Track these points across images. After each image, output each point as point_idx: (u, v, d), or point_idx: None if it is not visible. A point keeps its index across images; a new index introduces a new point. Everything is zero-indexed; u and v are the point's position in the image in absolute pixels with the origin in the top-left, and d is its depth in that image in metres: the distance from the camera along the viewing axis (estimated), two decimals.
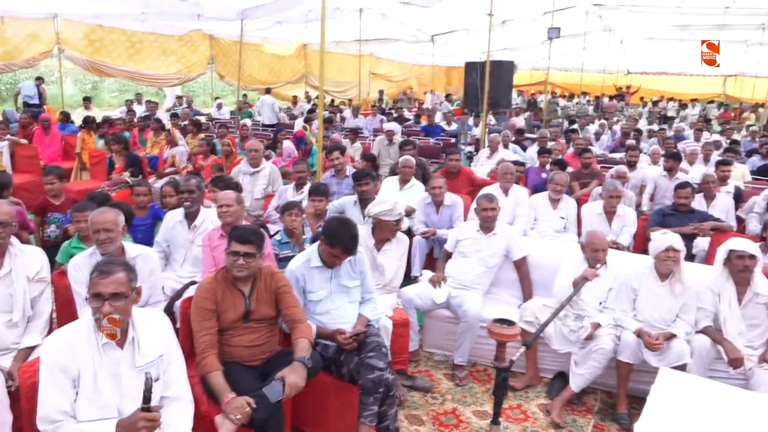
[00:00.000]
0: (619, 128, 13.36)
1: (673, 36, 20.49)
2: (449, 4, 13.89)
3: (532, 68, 25.45)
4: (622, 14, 17.49)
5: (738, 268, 3.73)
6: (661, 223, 5.41)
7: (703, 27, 18.27)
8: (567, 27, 16.98)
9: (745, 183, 7.65)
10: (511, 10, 15.40)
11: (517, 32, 18.10)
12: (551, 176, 5.88)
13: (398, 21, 16.28)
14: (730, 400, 2.92)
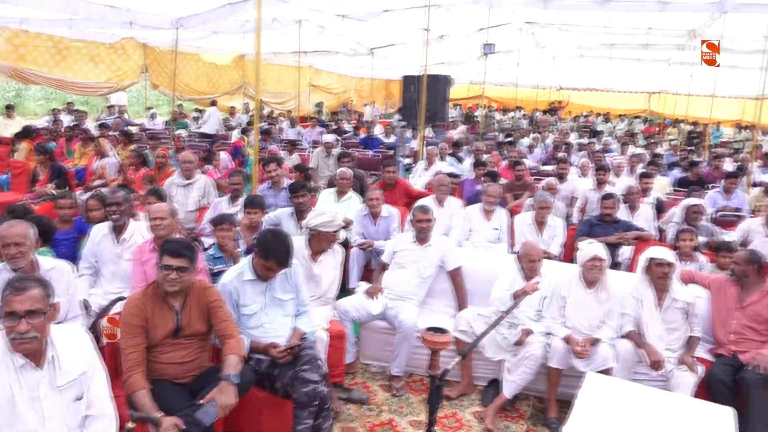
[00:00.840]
0: (552, 141, 13.84)
1: (601, 54, 21.49)
2: (387, 18, 14.07)
3: (469, 82, 26.05)
4: (552, 32, 18.20)
5: (657, 275, 3.94)
6: (588, 233, 5.64)
7: (628, 46, 19.26)
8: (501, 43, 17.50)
9: (667, 194, 8.07)
10: (447, 25, 15.76)
11: (454, 47, 18.51)
12: (484, 188, 6.03)
13: (337, 33, 16.34)
14: (651, 401, 3.07)
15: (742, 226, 5.91)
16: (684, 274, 4.46)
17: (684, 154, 11.96)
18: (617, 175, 8.56)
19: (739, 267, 4.14)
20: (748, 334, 3.99)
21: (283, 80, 19.72)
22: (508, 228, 5.97)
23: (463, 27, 16.44)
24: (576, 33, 18.02)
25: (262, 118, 16.91)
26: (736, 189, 7.34)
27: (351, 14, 13.68)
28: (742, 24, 12.97)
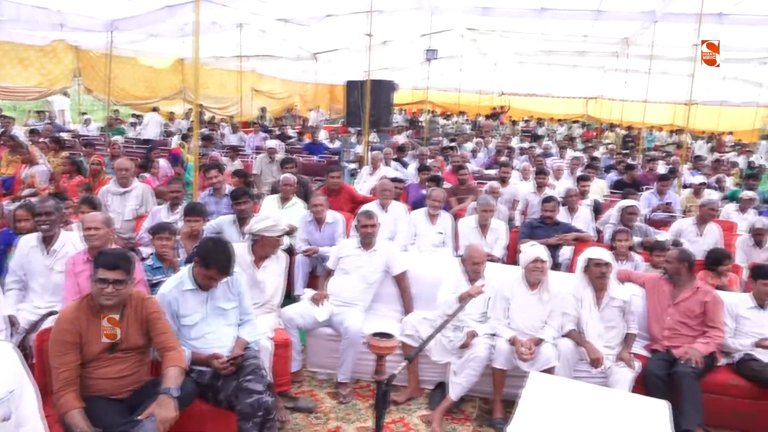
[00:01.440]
0: (494, 146, 14.14)
1: (540, 60, 22.17)
2: (330, 23, 14.07)
3: (413, 88, 26.32)
4: (493, 39, 18.62)
5: (596, 274, 4.08)
6: (530, 235, 5.79)
7: (566, 53, 19.95)
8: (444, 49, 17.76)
9: (604, 197, 8.37)
10: (390, 31, 15.89)
11: (398, 53, 18.68)
12: (429, 192, 6.09)
13: (279, 38, 16.21)
14: (591, 397, 3.17)
15: (674, 226, 6.20)
16: (621, 274, 4.64)
17: (620, 157, 12.45)
18: (557, 178, 8.82)
19: (671, 265, 4.34)
20: (680, 329, 4.17)
21: (224, 85, 19.41)
22: (452, 232, 6.04)
23: (406, 33, 16.62)
24: (516, 40, 18.50)
25: (204, 123, 16.58)
26: (668, 190, 7.69)
27: (293, 19, 13.61)
28: (672, 33, 13.64)
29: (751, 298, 4.27)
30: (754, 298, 4.25)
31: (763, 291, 4.20)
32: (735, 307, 4.25)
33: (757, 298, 4.23)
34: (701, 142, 20.09)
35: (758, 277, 4.24)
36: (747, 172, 11.80)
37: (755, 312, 4.23)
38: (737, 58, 18.13)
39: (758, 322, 4.19)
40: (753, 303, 4.24)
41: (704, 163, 12.40)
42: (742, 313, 4.22)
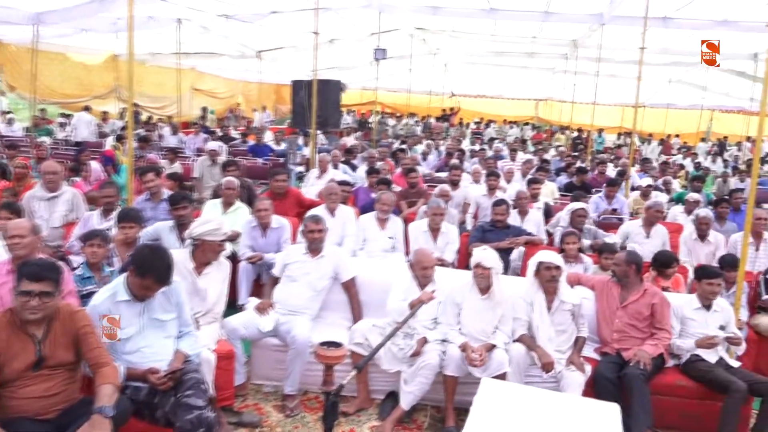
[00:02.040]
0: (445, 148, 14.31)
1: (490, 61, 22.62)
2: (275, 20, 13.98)
3: (362, 88, 26.40)
4: (443, 38, 18.90)
5: (546, 278, 4.19)
6: (481, 239, 5.88)
7: (516, 54, 20.42)
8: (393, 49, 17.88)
9: (554, 200, 8.59)
10: (338, 29, 15.91)
11: (346, 52, 18.71)
12: (378, 196, 6.12)
13: (221, 35, 16.00)
14: (543, 402, 3.26)
15: (622, 229, 6.43)
16: (570, 277, 4.76)
17: (570, 160, 12.81)
18: (508, 180, 9.00)
19: (619, 268, 4.49)
20: (630, 332, 4.32)
21: (162, 83, 18.98)
22: (403, 236, 6.08)
23: (354, 31, 16.67)
24: (466, 40, 18.84)
25: (140, 124, 16.16)
26: (616, 194, 7.97)
27: (236, 15, 13.46)
28: (620, 35, 14.17)
29: (696, 299, 4.45)
30: (700, 298, 4.43)
31: (708, 291, 4.38)
32: (681, 308, 4.43)
33: (703, 298, 4.42)
34: (654, 144, 20.89)
35: (702, 278, 4.43)
36: (693, 174, 12.35)
37: (701, 313, 4.41)
38: (683, 62, 18.98)
39: (703, 323, 4.37)
40: (698, 304, 4.42)
41: (652, 165, 12.89)
42: (687, 315, 4.40)
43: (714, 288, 4.37)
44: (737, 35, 14.13)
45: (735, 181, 12.37)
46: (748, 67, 17.32)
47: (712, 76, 19.34)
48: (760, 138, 4.91)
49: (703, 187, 10.03)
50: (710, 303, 4.40)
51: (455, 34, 17.83)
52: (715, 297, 4.40)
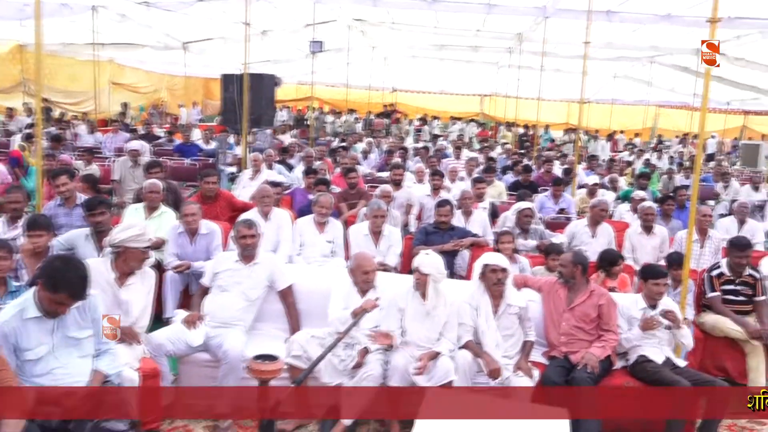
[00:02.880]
0: (387, 146, 14.40)
1: (432, 55, 22.91)
2: (201, 9, 13.74)
3: (297, 83, 26.25)
4: (383, 31, 19.02)
5: (492, 281, 4.27)
6: (424, 241, 5.95)
7: (459, 47, 20.75)
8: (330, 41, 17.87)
9: (502, 201, 8.74)
10: (271, 20, 15.77)
11: (279, 44, 18.57)
12: (315, 198, 6.10)
13: (142, 24, 15.61)
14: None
15: (568, 229, 6.62)
16: (517, 279, 4.87)
17: (516, 158, 13.11)
18: (452, 180, 9.12)
19: (565, 269, 4.62)
20: (577, 334, 4.46)
21: (77, 77, 18.33)
22: (343, 240, 6.08)
23: (288, 22, 16.57)
24: (406, 33, 19.02)
25: (52, 121, 15.55)
26: (563, 194, 8.21)
27: (158, 2, 13.15)
28: (564, 29, 14.62)
29: (642, 299, 4.63)
30: (646, 298, 4.61)
31: (654, 291, 4.56)
32: (627, 308, 4.60)
33: (649, 299, 4.59)
34: (603, 142, 21.59)
35: (648, 278, 4.61)
36: (640, 170, 12.85)
37: (647, 313, 4.58)
38: (627, 57, 19.75)
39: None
40: (644, 304, 4.60)
41: (599, 162, 13.34)
42: (634, 315, 4.57)
43: (660, 288, 4.54)
44: (680, 30, 14.85)
45: (680, 178, 12.95)
46: (691, 63, 18.17)
47: (657, 71, 20.22)
48: (702, 134, 5.15)
49: (649, 184, 10.45)
50: (656, 303, 4.58)
51: (395, 26, 17.97)
52: (662, 297, 4.58)
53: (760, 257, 5.86)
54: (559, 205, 8.07)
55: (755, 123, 25.78)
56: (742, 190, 11.45)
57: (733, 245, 5.29)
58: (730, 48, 15.17)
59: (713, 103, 22.91)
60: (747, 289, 5.23)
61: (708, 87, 4.71)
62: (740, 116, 25.89)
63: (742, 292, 5.24)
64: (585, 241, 6.39)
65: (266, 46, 17.85)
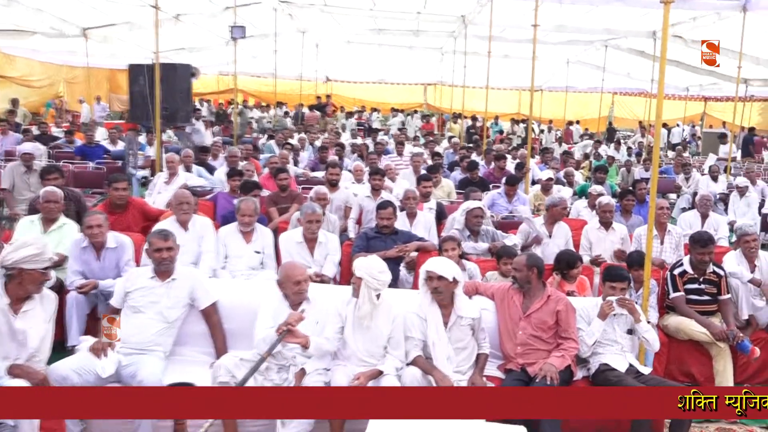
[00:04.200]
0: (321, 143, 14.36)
1: (370, 40, 23.03)
2: None
3: (218, 73, 25.99)
4: (313, 14, 19.01)
5: (430, 288, 4.32)
6: (365, 247, 5.96)
7: (398, 32, 20.93)
8: (254, 26, 17.77)
9: (451, 201, 8.85)
10: (184, 3, 15.56)
11: (196, 30, 18.34)
12: (237, 204, 6.04)
13: (32, 8, 15.14)
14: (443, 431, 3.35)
15: (522, 228, 6.76)
16: (468, 286, 4.94)
17: (464, 152, 13.28)
18: (392, 179, 9.14)
19: (520, 273, 4.70)
20: (534, 344, 4.55)
21: None
22: (273, 249, 6.05)
23: (206, 5, 16.38)
24: (340, 16, 19.06)
25: None
26: (516, 192, 8.38)
27: None
28: (512, 11, 14.95)
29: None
30: None
31: (609, 295, 4.70)
32: (587, 312, 4.73)
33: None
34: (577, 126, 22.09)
35: (606, 280, 4.76)
36: (596, 164, 13.25)
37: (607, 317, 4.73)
38: (580, 41, 20.34)
39: (610, 329, 4.68)
40: None
41: (552, 156, 13.66)
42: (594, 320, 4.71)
43: (615, 293, 4.68)
44: (635, 12, 15.40)
45: (639, 171, 13.43)
46: (647, 46, 18.87)
47: (612, 56, 20.88)
48: (659, 122, 5.33)
49: (606, 178, 10.77)
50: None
51: (327, 8, 18.01)
52: None
53: (723, 253, 6.11)
54: (513, 204, 8.22)
55: (715, 110, 26.97)
56: (701, 181, 11.95)
57: (694, 241, 5.52)
58: (686, 30, 15.85)
59: (671, 89, 23.89)
60: (711, 288, 5.47)
61: (664, 72, 4.88)
62: (700, 103, 27.04)
63: (707, 291, 5.47)
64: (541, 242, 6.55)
65: (180, 33, 17.62)
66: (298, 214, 6.33)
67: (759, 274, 5.75)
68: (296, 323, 4.09)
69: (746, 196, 10.00)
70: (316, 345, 4.17)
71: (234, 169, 8.48)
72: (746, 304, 5.60)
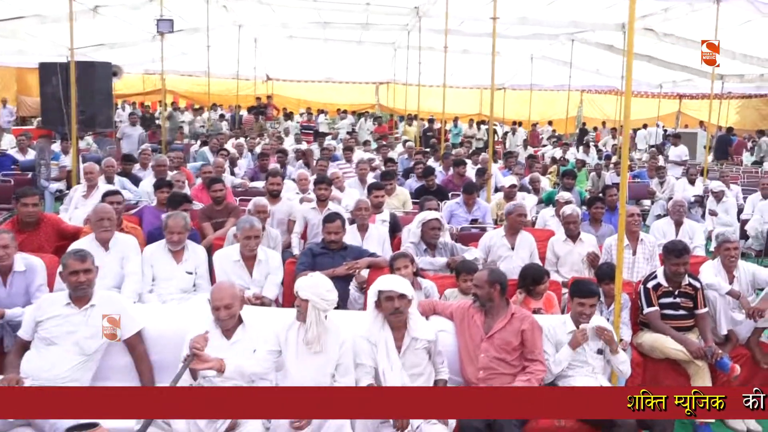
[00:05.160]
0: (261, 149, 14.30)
1: (314, 35, 23.03)
2: None
3: (143, 72, 25.66)
4: (250, 5, 18.94)
5: (389, 310, 4.33)
6: (311, 265, 5.94)
7: (346, 25, 20.98)
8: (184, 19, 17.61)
9: (405, 212, 8.88)
10: None
11: (117, 23, 18.11)
12: (165, 220, 5.97)
13: None
14: None
15: (482, 241, 6.83)
16: (424, 306, 4.98)
17: (419, 157, 13.36)
18: (340, 188, 9.15)
19: (481, 290, 4.74)
20: (498, 367, 4.59)
21: None
22: (207, 269, 6.01)
23: None
24: (281, 8, 19.04)
25: None
26: (477, 200, 8.46)
27: None
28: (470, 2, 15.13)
29: (570, 321, 4.85)
30: (573, 320, 4.83)
31: (578, 312, 4.78)
32: (554, 331, 4.80)
33: (576, 321, 4.82)
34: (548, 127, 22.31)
35: (574, 296, 4.84)
36: (564, 169, 13.45)
37: None
38: (544, 35, 20.67)
39: (579, 348, 4.75)
40: (573, 326, 4.82)
41: (517, 160, 13.84)
42: (562, 339, 4.77)
43: (585, 309, 4.77)
44: (602, 3, 15.75)
45: (611, 175, 13.67)
46: (616, 40, 19.29)
47: (579, 51, 21.28)
48: (627, 123, 5.41)
49: (575, 183, 10.94)
50: None
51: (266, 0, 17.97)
52: (587, 320, 4.80)
53: (700, 263, 6.26)
54: (473, 214, 8.30)
55: (691, 108, 27.69)
56: (677, 185, 12.21)
57: (668, 251, 5.63)
58: (658, 23, 16.25)
59: (644, 86, 24.47)
60: (687, 301, 5.59)
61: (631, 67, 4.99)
62: (675, 100, 27.74)
63: (683, 305, 5.59)
64: (503, 255, 6.63)
65: (99, 27, 17.36)
66: (235, 229, 6.28)
67: (738, 285, 5.91)
68: (202, 347, 4.02)
69: (723, 202, 10.27)
70: (237, 368, 4.13)
71: (162, 180, 8.39)
72: (725, 318, 5.74)
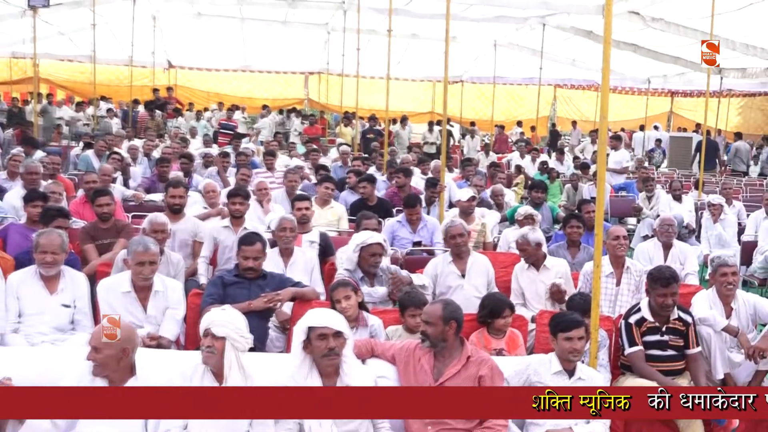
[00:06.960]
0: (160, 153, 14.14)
1: (228, 13, 22.91)
2: None
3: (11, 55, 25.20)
4: None
5: (320, 351, 4.32)
6: (221, 297, 5.87)
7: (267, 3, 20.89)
8: None
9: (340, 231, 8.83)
10: None
11: None
12: (36, 239, 5.85)
13: None
14: None
15: (428, 269, 6.82)
16: (360, 347, 4.95)
17: (357, 164, 13.31)
18: (260, 202, 9.06)
19: (433, 328, 4.72)
20: (450, 422, 4.60)
21: None
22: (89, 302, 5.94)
23: None
24: None
25: None
26: (421, 217, 8.47)
27: None
28: None
29: (556, 361, 4.87)
30: (560, 359, 4.85)
31: (567, 349, 4.78)
32: (520, 378, 4.83)
33: (562, 360, 4.84)
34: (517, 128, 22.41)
35: (558, 331, 4.84)
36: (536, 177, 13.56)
37: (561, 380, 4.78)
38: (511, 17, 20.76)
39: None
40: (559, 367, 4.84)
41: (476, 169, 13.86)
42: (547, 382, 4.74)
43: (575, 344, 4.77)
44: None
45: (590, 187, 13.76)
46: (595, 26, 19.50)
47: (551, 37, 21.43)
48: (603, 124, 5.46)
49: (546, 197, 10.99)
50: (573, 367, 4.83)
51: None
52: (578, 357, 4.83)
53: (692, 293, 6.32)
54: (418, 234, 8.31)
55: (685, 107, 28.05)
56: (662, 201, 12.27)
57: (654, 279, 5.61)
58: (645, 6, 16.49)
59: (629, 81, 24.92)
60: (677, 339, 5.60)
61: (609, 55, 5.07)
62: (666, 98, 28.19)
63: (671, 344, 5.60)
64: (452, 285, 6.67)
65: None
66: (125, 252, 6.20)
67: (736, 319, 5.94)
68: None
69: (721, 219, 10.31)
70: None
71: (34, 191, 8.24)
72: (721, 359, 5.80)
